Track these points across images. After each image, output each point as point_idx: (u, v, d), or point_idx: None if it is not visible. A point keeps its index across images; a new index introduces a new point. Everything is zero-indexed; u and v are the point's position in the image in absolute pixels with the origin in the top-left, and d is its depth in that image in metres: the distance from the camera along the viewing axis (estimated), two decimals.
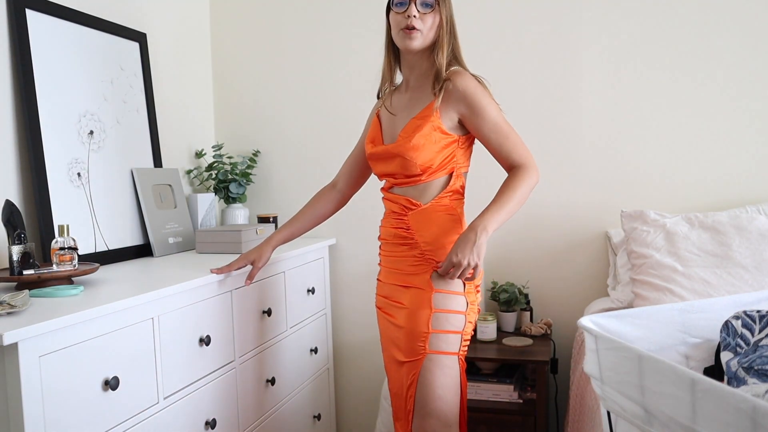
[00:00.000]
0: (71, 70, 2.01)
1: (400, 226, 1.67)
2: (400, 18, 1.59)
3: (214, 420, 1.80)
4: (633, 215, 2.18)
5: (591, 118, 2.46)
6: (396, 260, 1.68)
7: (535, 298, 2.56)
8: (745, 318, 1.33)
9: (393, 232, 1.69)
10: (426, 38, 1.61)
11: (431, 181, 1.64)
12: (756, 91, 2.32)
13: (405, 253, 1.66)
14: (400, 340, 1.64)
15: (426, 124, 1.60)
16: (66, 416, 1.31)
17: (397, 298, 1.67)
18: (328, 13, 2.71)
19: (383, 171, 1.71)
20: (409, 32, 1.58)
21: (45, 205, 1.85)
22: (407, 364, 1.62)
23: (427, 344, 1.58)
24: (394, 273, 1.69)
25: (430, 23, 1.60)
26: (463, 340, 1.62)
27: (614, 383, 1.12)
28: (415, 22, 1.57)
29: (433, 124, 1.60)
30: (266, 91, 2.80)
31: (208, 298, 1.81)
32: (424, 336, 1.59)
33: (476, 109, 1.61)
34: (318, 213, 1.94)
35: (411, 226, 1.65)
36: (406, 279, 1.65)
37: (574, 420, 1.98)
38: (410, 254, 1.65)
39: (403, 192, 1.67)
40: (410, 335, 1.61)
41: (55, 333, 1.28)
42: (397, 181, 1.68)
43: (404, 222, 1.66)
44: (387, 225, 1.73)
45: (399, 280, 1.67)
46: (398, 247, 1.68)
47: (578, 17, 2.45)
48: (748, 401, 0.82)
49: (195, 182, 2.70)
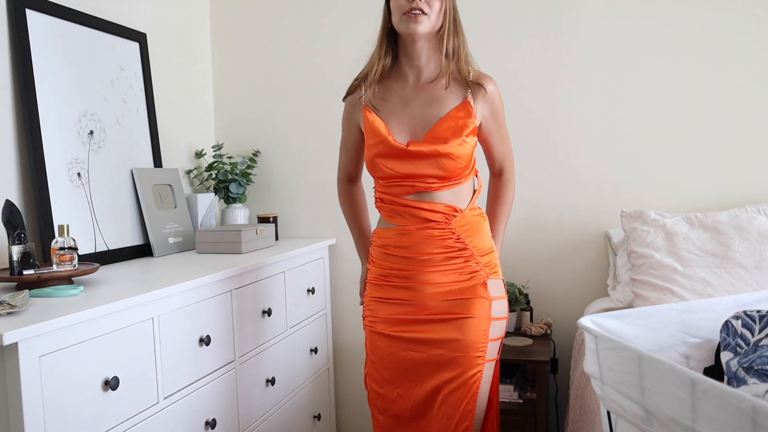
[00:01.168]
0: (71, 70, 2.01)
1: (447, 236, 1.56)
2: (404, 1, 1.50)
3: (214, 420, 1.79)
4: (633, 215, 2.18)
5: (591, 118, 2.46)
6: (445, 274, 1.56)
7: (535, 298, 2.56)
8: (745, 318, 1.32)
9: (438, 244, 1.55)
10: (433, 23, 1.52)
11: (465, 183, 1.59)
12: (756, 91, 2.32)
13: (459, 265, 1.56)
14: (448, 355, 1.53)
15: (469, 125, 1.55)
16: (66, 416, 1.31)
17: (455, 311, 1.55)
18: (328, 14, 2.71)
19: (409, 172, 1.54)
20: (414, 15, 1.49)
21: (45, 205, 1.85)
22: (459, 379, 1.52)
23: (485, 354, 1.55)
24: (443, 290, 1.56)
25: (438, 7, 1.52)
26: (501, 343, 1.64)
27: (614, 383, 1.12)
28: (421, 5, 1.49)
29: (475, 124, 1.57)
30: (266, 91, 2.80)
31: (208, 298, 1.81)
32: (483, 346, 1.54)
33: (497, 113, 1.64)
34: (365, 210, 1.84)
35: (461, 234, 1.56)
36: (464, 292, 1.56)
37: (574, 420, 1.98)
38: (466, 266, 1.57)
39: (437, 197, 1.56)
40: (468, 347, 1.53)
41: (55, 333, 1.28)
42: (428, 185, 1.54)
43: (452, 231, 1.56)
44: (422, 238, 1.56)
45: (454, 295, 1.56)
46: (450, 261, 1.56)
47: (578, 16, 2.45)
48: (748, 401, 0.82)
49: (195, 182, 2.70)
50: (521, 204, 2.53)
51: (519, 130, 2.50)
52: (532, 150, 2.50)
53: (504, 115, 1.67)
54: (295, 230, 2.80)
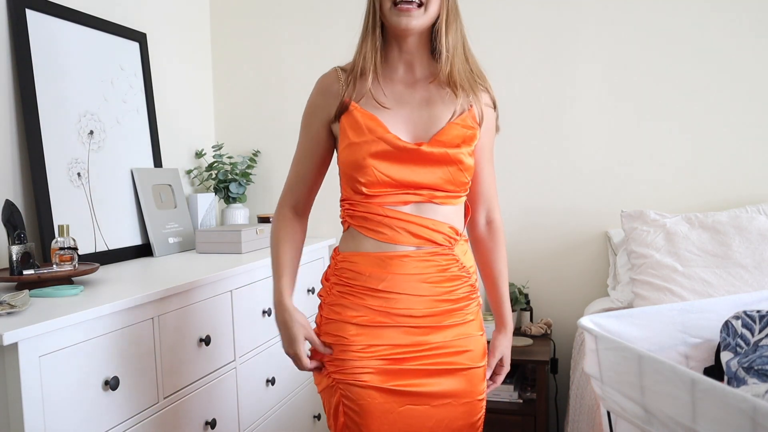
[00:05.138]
0: (71, 70, 2.01)
1: (449, 266, 1.31)
2: None
3: (214, 420, 1.79)
4: (633, 215, 2.18)
5: (591, 118, 2.46)
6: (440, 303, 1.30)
7: (535, 298, 2.56)
8: (745, 318, 1.32)
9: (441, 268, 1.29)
10: (431, 16, 1.26)
11: (463, 199, 1.35)
12: (756, 91, 2.32)
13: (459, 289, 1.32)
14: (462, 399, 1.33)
15: (477, 136, 1.32)
16: (66, 416, 1.31)
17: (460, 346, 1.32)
18: (328, 13, 2.71)
19: (407, 179, 1.27)
20: (407, 8, 1.23)
21: (45, 205, 1.85)
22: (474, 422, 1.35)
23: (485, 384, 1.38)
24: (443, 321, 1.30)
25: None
26: None
27: (614, 383, 1.12)
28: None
29: (478, 138, 1.33)
30: (266, 91, 2.80)
31: (208, 298, 1.81)
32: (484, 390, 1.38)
33: (492, 131, 1.40)
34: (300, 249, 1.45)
35: (465, 264, 1.33)
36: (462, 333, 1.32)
37: (574, 420, 1.98)
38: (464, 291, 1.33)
39: (441, 215, 1.30)
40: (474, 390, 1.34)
41: (55, 333, 1.28)
42: (433, 197, 1.28)
43: (455, 260, 1.31)
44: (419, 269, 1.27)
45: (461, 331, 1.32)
46: (451, 283, 1.31)
47: (579, 16, 2.45)
48: (748, 401, 0.82)
49: (195, 182, 2.70)
50: (521, 204, 2.53)
51: (519, 130, 2.51)
52: (531, 150, 2.50)
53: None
54: None
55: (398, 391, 1.27)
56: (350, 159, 1.28)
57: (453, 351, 1.30)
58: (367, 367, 1.27)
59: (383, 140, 1.26)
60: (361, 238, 1.31)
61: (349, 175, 1.29)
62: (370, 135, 1.27)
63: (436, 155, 1.26)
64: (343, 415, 1.28)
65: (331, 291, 1.34)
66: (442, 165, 1.27)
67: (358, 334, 1.27)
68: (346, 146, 1.29)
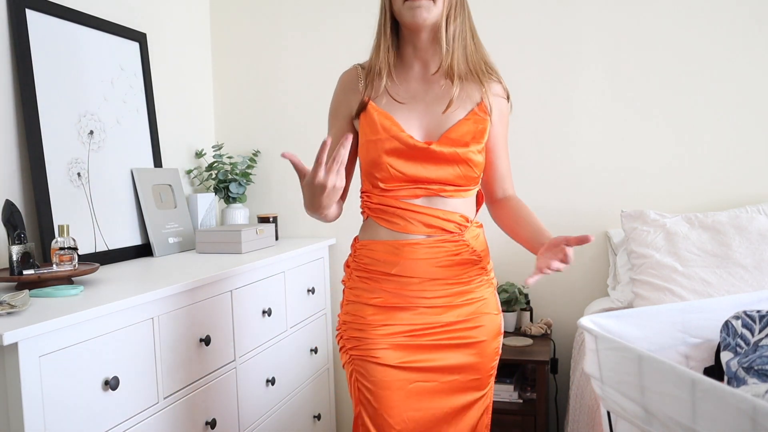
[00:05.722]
0: (71, 70, 2.01)
1: (460, 251, 1.38)
2: None
3: (214, 420, 1.79)
4: (633, 215, 2.18)
5: (591, 118, 2.46)
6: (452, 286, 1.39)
7: (535, 298, 2.56)
8: (745, 318, 1.32)
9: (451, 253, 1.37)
10: (441, 8, 1.31)
11: (473, 193, 1.43)
12: (755, 91, 2.32)
13: (471, 271, 1.41)
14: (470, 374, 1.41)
15: (488, 129, 1.39)
16: (66, 416, 1.31)
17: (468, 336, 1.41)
18: (328, 13, 2.71)
19: (419, 175, 1.34)
20: (417, 1, 1.28)
21: (45, 205, 1.85)
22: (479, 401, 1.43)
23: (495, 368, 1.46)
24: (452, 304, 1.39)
25: None
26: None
27: (614, 383, 1.12)
28: None
29: (489, 130, 1.40)
30: (266, 91, 2.80)
31: (208, 298, 1.81)
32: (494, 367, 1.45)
33: (506, 120, 1.46)
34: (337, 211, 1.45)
35: (476, 249, 1.41)
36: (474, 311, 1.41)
37: (574, 420, 1.98)
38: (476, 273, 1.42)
39: (451, 206, 1.38)
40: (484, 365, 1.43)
41: (55, 333, 1.28)
42: (443, 191, 1.37)
43: (466, 245, 1.39)
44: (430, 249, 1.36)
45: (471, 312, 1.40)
46: (462, 267, 1.39)
47: (579, 16, 2.45)
48: (748, 401, 0.82)
49: (195, 182, 2.70)
50: None
51: (519, 130, 2.50)
52: (531, 150, 2.50)
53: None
54: (295, 230, 2.80)
55: (409, 367, 1.36)
56: (368, 156, 1.37)
57: (466, 327, 1.39)
58: (382, 344, 1.36)
59: (397, 139, 1.34)
60: (377, 228, 1.41)
61: (367, 171, 1.39)
62: (385, 133, 1.34)
63: (446, 155, 1.34)
64: (357, 390, 1.39)
65: (351, 276, 1.45)
66: (452, 164, 1.35)
67: (374, 314, 1.38)
68: (364, 143, 1.38)
